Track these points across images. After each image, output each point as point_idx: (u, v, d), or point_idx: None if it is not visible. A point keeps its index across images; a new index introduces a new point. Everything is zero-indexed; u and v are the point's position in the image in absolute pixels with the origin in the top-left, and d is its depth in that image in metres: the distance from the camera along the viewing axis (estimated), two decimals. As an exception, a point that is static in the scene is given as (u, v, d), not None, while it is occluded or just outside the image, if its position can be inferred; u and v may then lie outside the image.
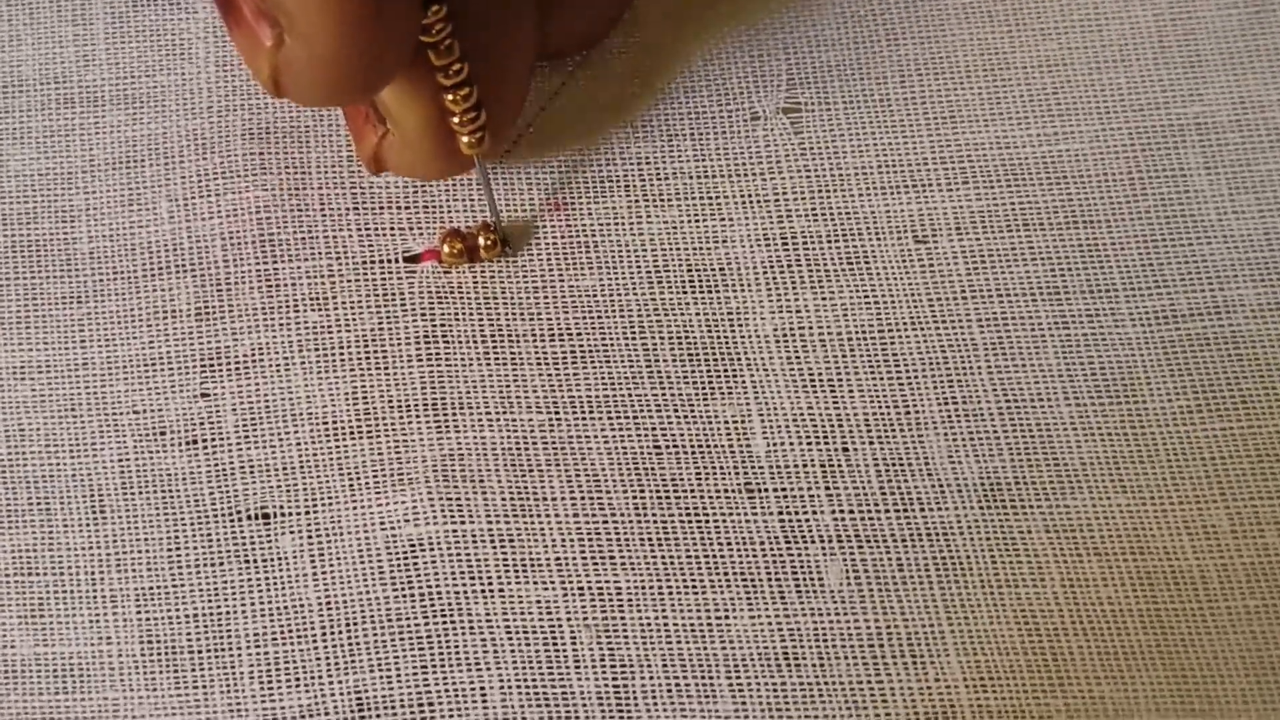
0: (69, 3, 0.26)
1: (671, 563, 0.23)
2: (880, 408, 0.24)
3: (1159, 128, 0.25)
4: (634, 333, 0.24)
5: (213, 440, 0.24)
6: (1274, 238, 0.24)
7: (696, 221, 0.25)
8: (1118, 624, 0.22)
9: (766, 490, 0.23)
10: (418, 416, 0.24)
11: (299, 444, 0.24)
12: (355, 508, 0.23)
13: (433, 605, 0.23)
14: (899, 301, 0.24)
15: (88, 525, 0.23)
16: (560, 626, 0.23)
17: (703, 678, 0.22)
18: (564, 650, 0.22)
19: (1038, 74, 0.25)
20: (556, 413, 0.24)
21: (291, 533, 0.23)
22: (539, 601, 0.23)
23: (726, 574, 0.23)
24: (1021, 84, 0.25)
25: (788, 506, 0.23)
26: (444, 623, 0.23)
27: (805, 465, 0.23)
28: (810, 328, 0.24)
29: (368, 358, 0.24)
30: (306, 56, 0.19)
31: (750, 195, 0.25)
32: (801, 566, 0.23)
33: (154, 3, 0.26)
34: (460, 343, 0.24)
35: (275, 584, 0.23)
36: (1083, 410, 0.23)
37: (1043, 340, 0.24)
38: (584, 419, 0.24)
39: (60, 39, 0.26)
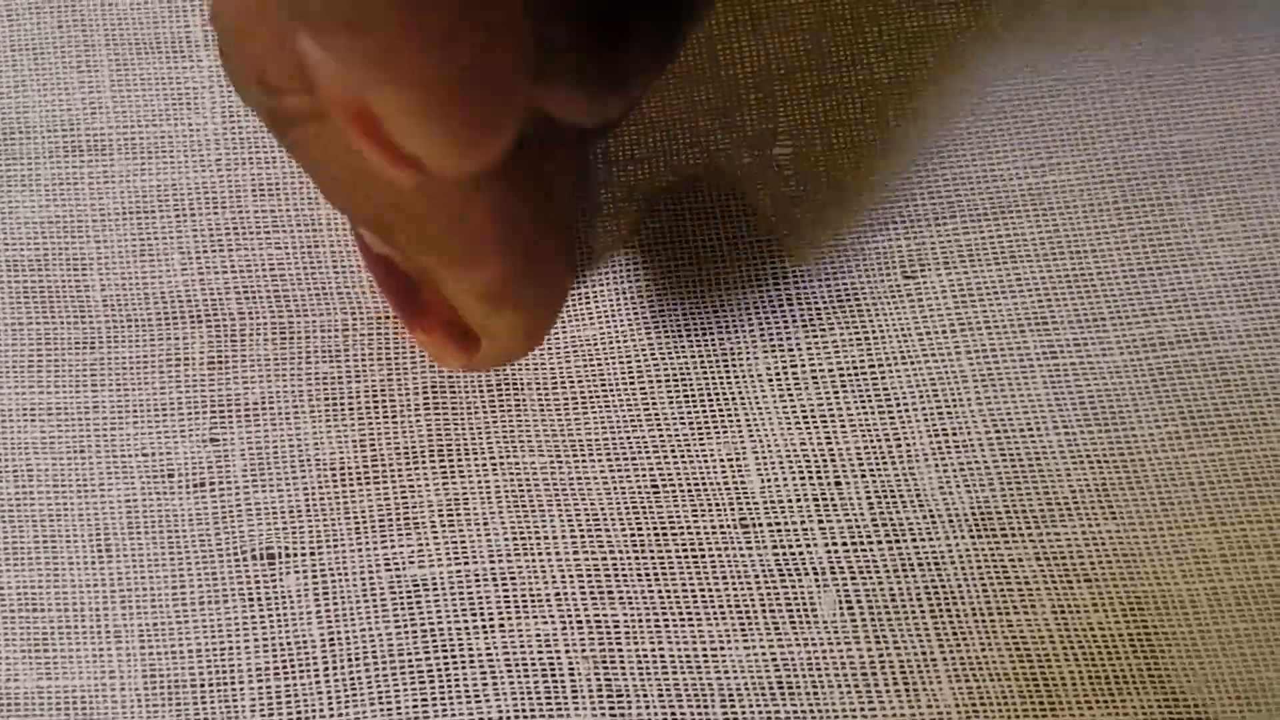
0: (74, 49, 0.26)
1: (668, 596, 0.23)
2: (871, 441, 0.24)
3: (1144, 156, 0.25)
4: (632, 377, 0.24)
5: (220, 484, 0.24)
6: (1260, 264, 0.24)
7: (692, 264, 0.25)
8: (1108, 649, 0.22)
9: (761, 525, 0.23)
10: (424, 462, 0.24)
11: (306, 488, 0.24)
12: (360, 549, 0.23)
13: (434, 641, 0.23)
14: (888, 336, 0.24)
15: (93, 563, 0.23)
16: (559, 659, 0.23)
17: (698, 707, 0.23)
18: (562, 681, 0.23)
19: (1024, 105, 0.25)
20: (557, 455, 0.24)
21: (296, 572, 0.23)
22: (539, 635, 0.23)
23: (722, 607, 0.23)
24: (1008, 115, 0.25)
25: (781, 540, 0.23)
26: (445, 657, 0.23)
27: (798, 500, 0.23)
28: (802, 366, 0.24)
29: (376, 407, 0.24)
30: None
31: (743, 236, 0.25)
32: (795, 598, 0.23)
33: (158, 51, 0.26)
34: (466, 392, 0.24)
35: (278, 621, 0.23)
36: (1071, 438, 0.23)
37: (1031, 370, 0.24)
38: (584, 461, 0.24)
39: (66, 85, 0.26)
